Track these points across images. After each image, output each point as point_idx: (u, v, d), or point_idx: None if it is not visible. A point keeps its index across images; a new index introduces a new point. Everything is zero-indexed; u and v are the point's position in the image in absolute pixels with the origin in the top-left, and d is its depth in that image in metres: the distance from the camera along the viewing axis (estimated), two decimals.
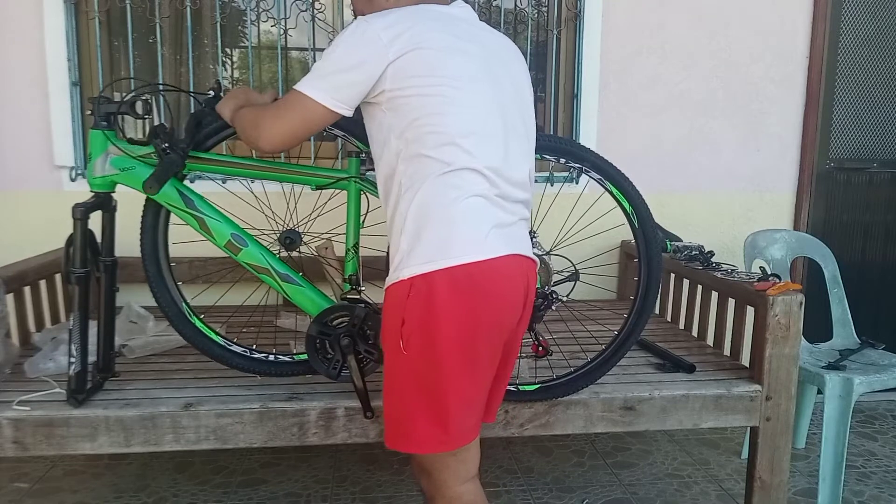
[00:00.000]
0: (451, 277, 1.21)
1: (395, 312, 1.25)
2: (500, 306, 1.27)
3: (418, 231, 1.24)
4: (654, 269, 1.74)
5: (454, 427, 1.26)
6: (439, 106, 1.24)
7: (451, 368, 1.24)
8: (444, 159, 1.23)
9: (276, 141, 1.32)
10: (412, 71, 1.23)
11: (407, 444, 1.30)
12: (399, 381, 1.28)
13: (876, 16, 2.95)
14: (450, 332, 1.22)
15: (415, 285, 1.22)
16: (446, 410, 1.25)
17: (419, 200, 1.24)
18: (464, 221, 1.23)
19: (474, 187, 1.25)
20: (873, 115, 3.02)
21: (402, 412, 1.29)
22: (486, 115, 1.28)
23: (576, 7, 2.75)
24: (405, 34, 1.24)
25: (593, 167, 1.71)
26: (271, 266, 1.67)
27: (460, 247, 1.22)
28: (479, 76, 1.29)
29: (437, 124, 1.23)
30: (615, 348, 1.78)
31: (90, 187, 1.67)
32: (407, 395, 1.27)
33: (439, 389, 1.24)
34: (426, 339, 1.23)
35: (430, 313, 1.21)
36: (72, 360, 1.63)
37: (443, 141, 1.23)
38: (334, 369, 1.65)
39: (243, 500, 2.20)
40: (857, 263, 3.06)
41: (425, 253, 1.22)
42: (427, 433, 1.26)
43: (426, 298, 1.21)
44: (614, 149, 2.73)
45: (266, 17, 2.62)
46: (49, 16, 2.47)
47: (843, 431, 2.14)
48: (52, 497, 2.19)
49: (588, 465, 2.47)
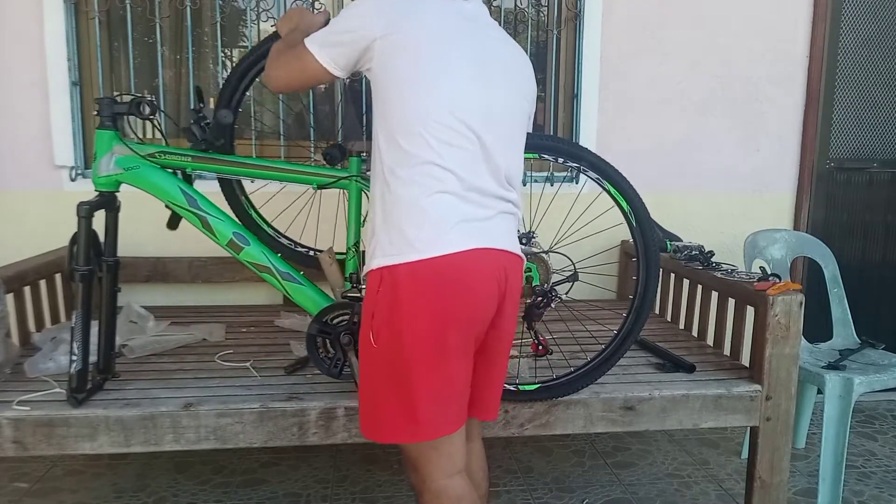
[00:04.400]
0: (413, 272, 1.24)
1: (368, 306, 1.30)
2: (468, 300, 1.28)
3: (387, 220, 1.27)
4: (652, 269, 1.74)
5: (423, 418, 1.28)
6: (414, 96, 1.25)
7: (417, 361, 1.26)
8: (413, 151, 1.24)
9: (280, 85, 1.41)
10: (395, 53, 1.25)
11: (378, 433, 1.34)
12: (370, 372, 1.32)
13: (876, 16, 2.95)
14: (414, 325, 1.25)
15: (384, 279, 1.26)
16: (413, 402, 1.27)
17: (393, 188, 1.26)
18: (429, 216, 1.25)
19: (441, 184, 1.25)
20: (873, 115, 3.02)
21: (373, 403, 1.33)
22: (464, 111, 1.27)
23: (576, 7, 2.75)
24: (399, 15, 1.26)
25: (591, 166, 1.71)
26: (272, 265, 1.68)
27: (424, 242, 1.24)
28: (463, 71, 1.28)
29: (409, 113, 1.25)
30: (615, 348, 1.78)
31: (95, 186, 1.68)
32: (377, 386, 1.31)
33: (406, 381, 1.27)
34: (392, 333, 1.26)
35: (395, 307, 1.25)
36: (73, 357, 1.63)
37: (412, 132, 1.24)
38: (335, 367, 1.65)
39: (243, 500, 2.20)
40: (857, 263, 3.06)
41: (393, 244, 1.26)
42: (396, 424, 1.30)
43: (391, 292, 1.25)
44: (614, 148, 2.74)
45: (266, 17, 2.62)
46: (49, 16, 2.48)
47: (843, 431, 2.14)
48: (52, 497, 2.19)
49: (588, 465, 2.47)
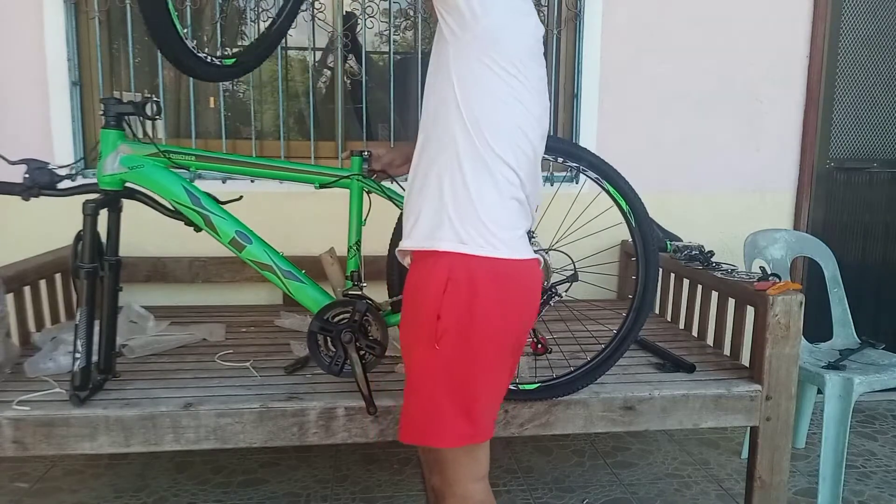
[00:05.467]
0: (495, 270, 1.22)
1: (429, 307, 1.22)
2: (526, 305, 1.30)
3: (462, 208, 1.21)
4: (651, 268, 1.75)
5: (482, 421, 1.28)
6: (508, 95, 1.21)
7: (485, 363, 1.25)
8: (498, 150, 1.21)
9: None
10: (495, 43, 1.20)
11: (436, 439, 1.28)
12: (429, 376, 1.25)
13: (876, 16, 2.95)
14: (486, 325, 1.22)
15: (454, 270, 1.20)
16: (477, 405, 1.26)
17: (469, 180, 1.20)
18: (507, 219, 1.24)
19: (515, 190, 1.25)
20: (873, 115, 3.02)
21: (431, 408, 1.26)
22: (534, 127, 1.28)
23: (576, 7, 2.75)
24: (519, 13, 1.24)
25: (590, 166, 1.71)
26: (274, 263, 1.68)
27: (504, 243, 1.22)
28: (541, 85, 1.30)
29: (502, 114, 1.22)
30: (615, 347, 1.78)
31: (99, 185, 1.68)
32: (437, 390, 1.25)
33: (472, 384, 1.25)
34: (461, 333, 1.21)
35: (470, 306, 1.20)
36: (77, 355, 1.63)
37: (501, 130, 1.22)
38: (336, 365, 1.65)
39: (243, 500, 2.20)
40: (857, 263, 3.06)
41: (471, 235, 1.20)
42: (455, 427, 1.26)
43: (467, 290, 1.20)
44: (614, 148, 2.73)
45: (266, 17, 2.62)
46: (49, 16, 2.47)
47: (843, 431, 2.14)
48: (51, 497, 2.19)
49: (588, 465, 2.47)
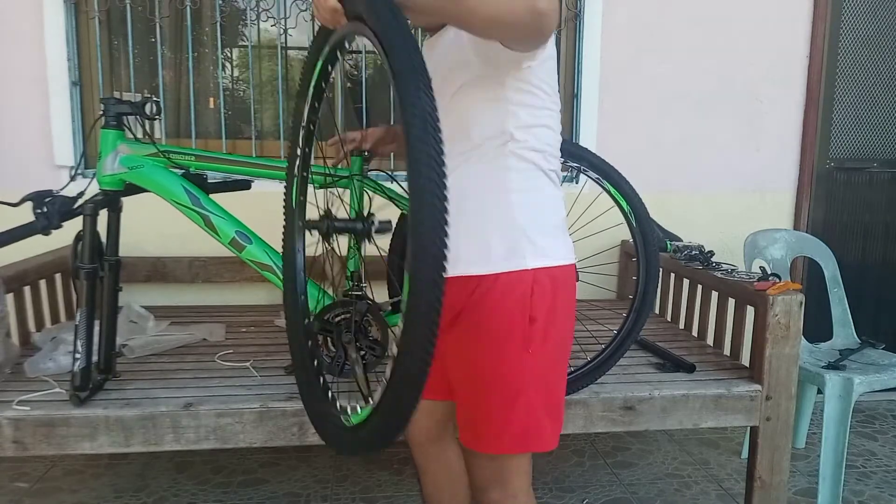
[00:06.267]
0: (569, 274, 1.25)
1: (520, 310, 1.19)
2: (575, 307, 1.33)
3: (535, 216, 1.22)
4: (651, 268, 1.75)
5: (561, 420, 1.30)
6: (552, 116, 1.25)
7: (564, 364, 1.29)
8: (553, 151, 1.26)
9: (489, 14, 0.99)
10: (548, 65, 1.21)
11: (539, 443, 1.26)
12: (525, 383, 1.21)
13: (876, 16, 2.95)
14: (562, 327, 1.24)
15: (537, 280, 1.19)
16: (561, 405, 1.29)
17: (534, 185, 1.23)
18: (563, 221, 1.28)
19: (560, 191, 1.29)
20: (873, 115, 3.02)
21: (530, 413, 1.23)
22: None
23: (576, 7, 2.75)
24: None
25: (591, 166, 1.72)
26: (274, 263, 1.68)
27: (569, 247, 1.27)
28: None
29: (554, 116, 1.25)
30: (615, 348, 1.78)
31: (99, 185, 1.68)
32: (534, 395, 1.22)
33: (559, 385, 1.28)
34: (547, 336, 1.20)
35: (553, 310, 1.21)
36: (77, 355, 1.63)
37: (555, 130, 1.26)
38: (336, 365, 1.65)
39: (243, 500, 2.20)
40: (857, 263, 3.06)
41: (549, 245, 1.22)
42: (551, 431, 1.26)
43: (551, 293, 1.20)
44: (614, 148, 2.73)
45: (266, 17, 2.62)
46: (49, 16, 2.47)
47: (843, 431, 2.14)
48: (51, 497, 2.19)
49: (588, 465, 2.47)
